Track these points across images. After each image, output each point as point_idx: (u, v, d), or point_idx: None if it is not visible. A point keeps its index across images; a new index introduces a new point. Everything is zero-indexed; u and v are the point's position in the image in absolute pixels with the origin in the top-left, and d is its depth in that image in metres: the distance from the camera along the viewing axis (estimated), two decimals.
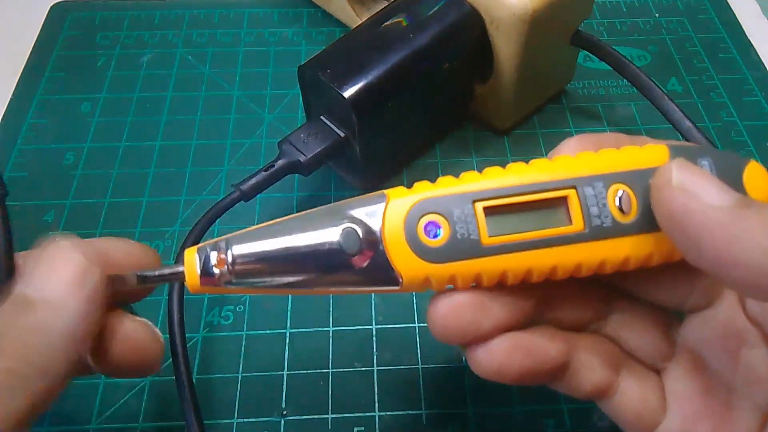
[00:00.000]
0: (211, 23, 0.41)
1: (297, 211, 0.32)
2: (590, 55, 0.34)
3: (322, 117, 0.30)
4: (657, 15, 0.42)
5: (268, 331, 0.28)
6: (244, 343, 0.28)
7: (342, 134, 0.29)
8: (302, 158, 0.29)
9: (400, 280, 0.18)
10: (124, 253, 0.20)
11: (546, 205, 0.18)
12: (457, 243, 0.18)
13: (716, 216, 0.16)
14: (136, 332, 0.19)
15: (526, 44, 0.30)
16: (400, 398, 0.26)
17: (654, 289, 0.21)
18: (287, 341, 0.28)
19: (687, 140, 0.31)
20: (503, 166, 0.19)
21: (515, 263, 0.18)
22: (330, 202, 0.32)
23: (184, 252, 0.18)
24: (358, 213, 0.18)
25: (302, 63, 0.29)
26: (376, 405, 0.26)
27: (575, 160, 0.19)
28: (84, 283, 0.17)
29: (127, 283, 0.18)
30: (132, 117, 0.36)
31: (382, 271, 0.18)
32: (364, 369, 0.27)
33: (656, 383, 0.21)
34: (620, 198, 0.18)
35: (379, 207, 0.18)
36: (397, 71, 0.29)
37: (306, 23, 0.41)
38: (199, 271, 0.18)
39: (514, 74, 0.31)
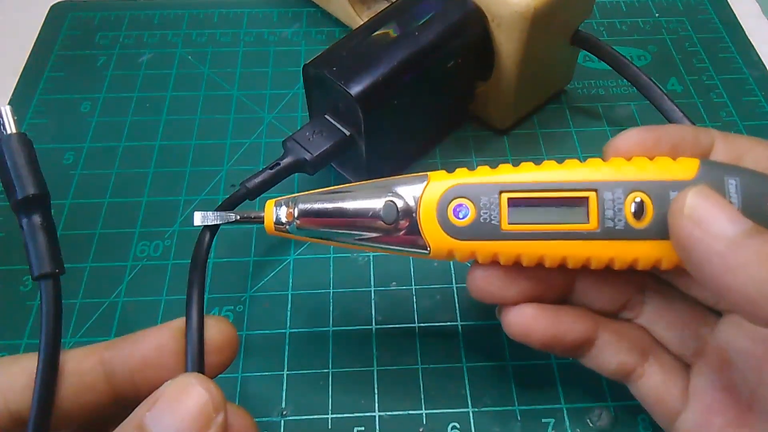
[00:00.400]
0: (210, 23, 0.41)
1: None
2: (590, 55, 0.34)
3: (326, 115, 0.30)
4: (657, 15, 0.42)
5: (268, 331, 0.28)
6: (244, 342, 0.28)
7: (347, 132, 0.29)
8: (308, 156, 0.29)
9: (428, 249, 0.21)
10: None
11: (567, 203, 0.20)
12: (480, 225, 0.20)
13: (717, 247, 0.17)
14: (244, 429, 0.19)
15: (527, 42, 0.30)
16: (400, 398, 0.26)
17: (691, 283, 0.22)
18: (287, 341, 0.28)
19: None
20: (506, 165, 0.21)
21: (529, 249, 0.20)
22: None
23: (265, 203, 0.23)
24: (402, 189, 0.21)
25: (305, 62, 0.29)
26: (376, 405, 0.26)
27: (604, 164, 0.20)
28: (207, 430, 0.17)
29: None
30: (132, 117, 0.36)
31: (414, 239, 0.21)
32: (364, 369, 0.27)
33: (682, 375, 0.22)
34: (636, 205, 0.20)
35: (420, 186, 0.21)
36: (402, 69, 0.29)
37: (306, 23, 0.41)
38: (274, 218, 0.22)
39: (514, 72, 0.31)
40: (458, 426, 0.26)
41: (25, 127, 0.35)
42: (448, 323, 0.28)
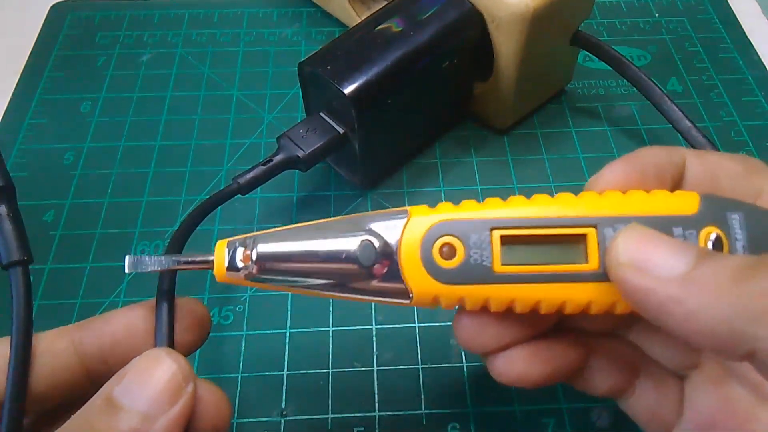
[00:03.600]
0: (210, 23, 0.41)
1: (296, 210, 0.32)
2: (590, 55, 0.34)
3: (321, 113, 0.30)
4: (657, 15, 0.42)
5: (268, 331, 0.28)
6: (244, 343, 0.28)
7: (341, 130, 0.29)
8: (300, 153, 0.29)
9: (411, 296, 0.19)
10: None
11: (564, 241, 0.18)
12: (470, 267, 0.18)
13: (669, 292, 0.15)
14: (215, 402, 0.19)
15: (526, 43, 0.30)
16: (400, 398, 0.26)
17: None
18: (287, 341, 0.28)
19: (686, 140, 0.31)
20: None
21: (525, 294, 0.18)
22: (329, 202, 0.32)
23: (215, 244, 0.20)
24: (379, 227, 0.19)
25: (302, 59, 0.29)
26: (376, 405, 0.26)
27: (601, 198, 0.19)
28: (177, 400, 0.17)
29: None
30: (132, 117, 0.36)
31: (394, 285, 0.18)
32: (364, 369, 0.27)
33: (675, 388, 0.21)
34: None
35: (400, 223, 0.19)
36: (396, 68, 0.29)
37: (306, 23, 0.41)
38: (226, 264, 0.19)
39: (514, 73, 0.31)
40: (458, 426, 0.26)
41: (25, 127, 0.35)
42: (449, 323, 0.28)
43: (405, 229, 0.18)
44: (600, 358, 0.21)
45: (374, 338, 0.28)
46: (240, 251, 0.19)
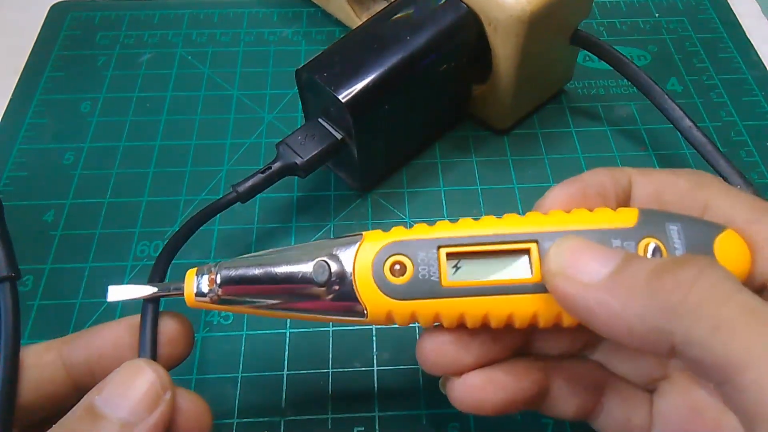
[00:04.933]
0: (210, 23, 0.41)
1: (296, 211, 0.32)
2: (590, 54, 0.34)
3: (319, 119, 0.30)
4: (657, 15, 0.42)
5: (268, 331, 0.28)
6: (244, 343, 0.28)
7: (339, 136, 0.29)
8: (299, 160, 0.29)
9: (366, 313, 0.20)
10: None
11: (508, 256, 0.19)
12: (419, 283, 0.19)
13: (593, 296, 0.16)
14: (195, 410, 0.20)
15: (524, 45, 0.30)
16: (400, 398, 0.26)
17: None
18: (287, 341, 0.28)
19: (686, 139, 0.31)
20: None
21: (472, 307, 0.19)
22: (329, 203, 0.32)
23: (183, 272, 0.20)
24: (335, 250, 0.20)
25: (300, 65, 0.29)
26: (376, 405, 0.26)
27: (544, 217, 0.20)
28: (155, 408, 0.18)
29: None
30: (132, 117, 0.36)
31: (349, 303, 0.20)
32: (364, 369, 0.27)
33: (643, 401, 0.21)
34: None
35: (354, 246, 0.20)
36: (393, 74, 0.29)
37: (306, 23, 0.41)
38: (194, 291, 0.20)
39: (512, 75, 0.31)
40: (458, 426, 0.26)
41: (25, 127, 0.35)
42: None
43: (358, 250, 0.20)
44: (563, 380, 0.21)
45: (374, 338, 0.28)
46: (206, 277, 0.20)
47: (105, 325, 0.21)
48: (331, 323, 0.28)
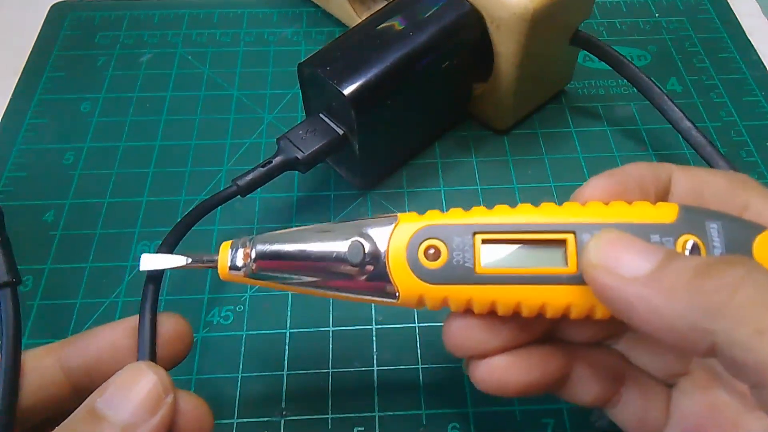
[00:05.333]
0: (210, 23, 0.41)
1: (296, 210, 0.32)
2: (590, 54, 0.34)
3: (321, 114, 0.30)
4: (657, 15, 0.42)
5: (268, 331, 0.28)
6: (244, 343, 0.28)
7: (341, 131, 0.29)
8: (300, 155, 0.29)
9: (397, 295, 0.20)
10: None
11: (544, 245, 0.19)
12: (452, 268, 0.19)
13: (634, 290, 0.16)
14: (196, 412, 0.20)
15: (526, 44, 0.30)
16: (400, 398, 0.26)
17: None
18: (287, 341, 0.28)
19: (686, 140, 0.31)
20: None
21: (505, 295, 0.19)
22: (329, 202, 0.32)
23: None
24: (370, 230, 0.20)
25: (302, 60, 0.29)
26: (376, 405, 0.26)
27: (582, 208, 0.19)
28: (157, 410, 0.18)
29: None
30: (132, 117, 0.36)
31: (381, 284, 0.20)
32: (364, 369, 0.27)
33: (662, 395, 0.21)
34: None
35: (389, 227, 0.20)
36: (396, 69, 0.29)
37: (305, 23, 0.41)
38: (229, 263, 0.20)
39: (513, 74, 0.31)
40: (458, 426, 0.26)
41: (25, 127, 0.35)
42: None
43: (393, 232, 0.20)
44: (584, 367, 0.21)
45: (374, 338, 0.28)
46: (240, 251, 0.20)
47: (102, 328, 0.21)
48: (331, 321, 0.28)
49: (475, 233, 0.19)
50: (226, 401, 0.26)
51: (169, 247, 0.25)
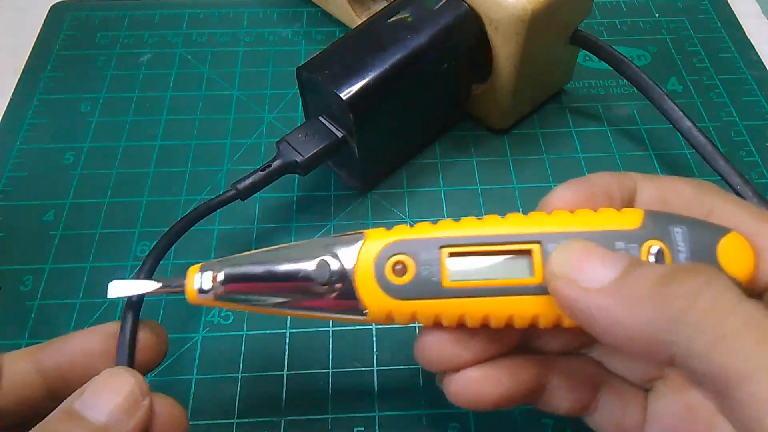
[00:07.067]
0: (210, 23, 0.41)
1: (296, 210, 0.32)
2: (590, 54, 0.34)
3: (320, 117, 0.30)
4: (657, 15, 0.42)
5: (268, 331, 0.28)
6: (244, 343, 0.28)
7: (339, 134, 0.29)
8: (299, 158, 0.29)
9: (366, 312, 0.20)
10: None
11: (510, 257, 0.19)
12: (420, 283, 0.19)
13: (595, 301, 0.16)
14: (171, 416, 0.20)
15: (524, 45, 0.30)
16: (400, 398, 0.26)
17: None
18: (287, 341, 0.28)
19: (687, 139, 0.31)
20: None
21: (473, 308, 0.19)
22: (329, 203, 0.32)
23: (188, 270, 0.21)
24: (337, 249, 0.20)
25: (300, 64, 0.29)
26: (376, 405, 0.26)
27: (548, 217, 0.20)
28: (134, 412, 0.19)
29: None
30: (132, 117, 0.36)
31: (350, 302, 0.20)
32: (364, 369, 0.27)
33: (638, 399, 0.21)
34: None
35: (356, 245, 0.20)
36: (394, 72, 0.29)
37: (306, 23, 0.41)
38: (196, 287, 0.20)
39: (512, 74, 0.31)
40: (458, 426, 0.26)
41: (25, 127, 0.35)
42: None
43: (361, 249, 0.20)
44: (559, 377, 0.21)
45: (374, 338, 0.28)
46: (209, 274, 0.20)
47: (79, 333, 0.21)
48: (331, 322, 0.28)
49: (441, 247, 0.19)
50: (226, 401, 0.26)
51: (165, 248, 0.25)
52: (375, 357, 0.27)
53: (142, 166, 0.34)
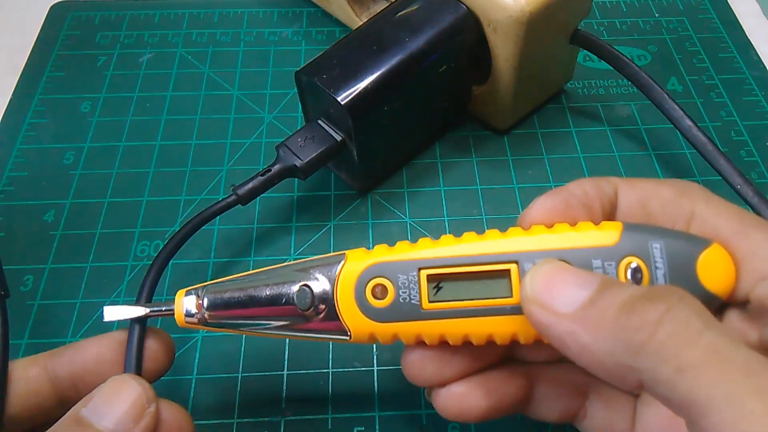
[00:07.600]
0: (211, 23, 0.41)
1: (296, 211, 0.32)
2: (590, 54, 0.34)
3: (319, 120, 0.30)
4: (657, 15, 0.42)
5: None
6: (244, 343, 0.28)
7: (339, 138, 0.29)
8: (298, 163, 0.29)
9: (349, 334, 0.20)
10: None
11: (488, 277, 0.19)
12: (400, 306, 0.20)
13: (565, 327, 0.16)
14: (177, 421, 0.20)
15: (523, 45, 0.30)
16: (400, 398, 0.26)
17: None
18: (287, 341, 0.28)
19: (687, 139, 0.31)
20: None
21: (453, 328, 0.19)
22: (329, 203, 0.32)
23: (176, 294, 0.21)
24: (318, 272, 0.20)
25: (299, 67, 0.29)
26: (376, 405, 0.26)
27: (525, 234, 0.20)
28: (140, 419, 0.19)
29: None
30: (132, 117, 0.36)
31: (333, 325, 0.20)
32: (364, 369, 0.27)
33: (627, 406, 0.21)
34: None
35: (336, 267, 0.20)
36: (393, 75, 0.29)
37: (306, 23, 0.41)
38: (183, 312, 0.21)
39: (512, 75, 0.31)
40: (458, 426, 0.26)
41: (25, 127, 0.35)
42: None
43: (340, 273, 0.20)
44: (546, 386, 0.21)
45: None
46: (193, 300, 0.21)
47: (89, 341, 0.21)
48: None
49: (420, 269, 0.20)
50: (226, 401, 0.26)
51: (166, 258, 0.25)
52: (375, 357, 0.27)
53: (142, 166, 0.34)
